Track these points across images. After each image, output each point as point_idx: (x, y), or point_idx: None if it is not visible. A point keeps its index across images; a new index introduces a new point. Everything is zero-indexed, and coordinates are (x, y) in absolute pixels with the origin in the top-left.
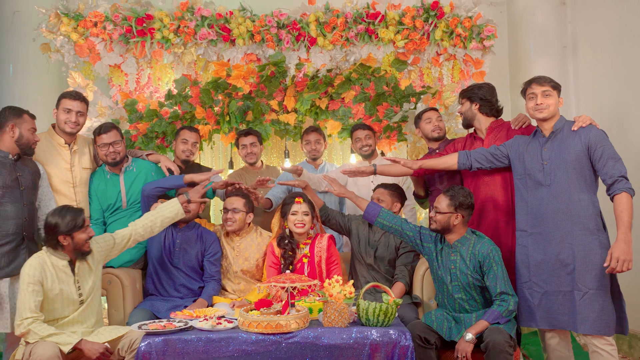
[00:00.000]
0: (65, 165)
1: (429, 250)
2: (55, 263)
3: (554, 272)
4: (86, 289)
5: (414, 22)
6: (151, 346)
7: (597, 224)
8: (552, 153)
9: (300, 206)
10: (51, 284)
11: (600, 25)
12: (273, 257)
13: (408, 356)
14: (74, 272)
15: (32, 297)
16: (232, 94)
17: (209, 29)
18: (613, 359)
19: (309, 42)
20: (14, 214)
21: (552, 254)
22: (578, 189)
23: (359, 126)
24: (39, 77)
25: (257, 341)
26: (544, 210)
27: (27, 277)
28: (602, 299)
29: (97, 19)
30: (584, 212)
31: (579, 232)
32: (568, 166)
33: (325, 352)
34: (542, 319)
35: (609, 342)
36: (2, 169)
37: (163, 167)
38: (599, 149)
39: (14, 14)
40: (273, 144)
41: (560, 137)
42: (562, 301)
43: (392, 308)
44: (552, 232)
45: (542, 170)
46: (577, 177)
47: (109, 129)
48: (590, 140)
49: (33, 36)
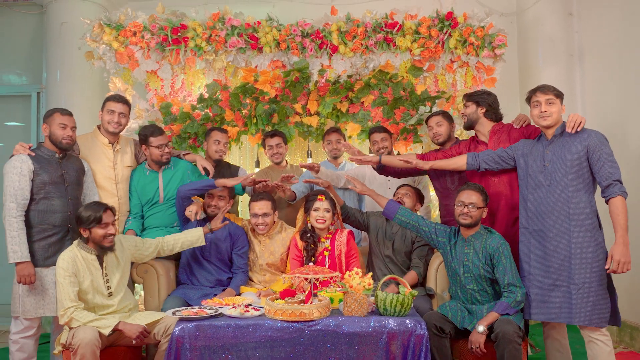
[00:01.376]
0: (108, 163)
1: (444, 245)
2: (85, 257)
3: (552, 267)
4: (114, 282)
5: (429, 32)
6: (184, 331)
7: (593, 223)
8: (554, 155)
9: (322, 203)
10: (82, 276)
11: (605, 35)
12: (296, 250)
13: (423, 344)
14: (102, 266)
15: (70, 287)
16: (259, 97)
17: (239, 38)
18: (607, 347)
19: (331, 49)
20: (60, 208)
21: (551, 249)
22: (576, 190)
23: (375, 129)
24: (83, 83)
25: (282, 328)
26: (544, 208)
27: (62, 270)
28: (595, 293)
29: (136, 29)
30: (582, 212)
31: (576, 230)
32: (568, 168)
33: (345, 340)
34: (540, 312)
35: (603, 332)
36: (49, 167)
37: (199, 166)
38: (597, 152)
39: (61, 25)
40: (296, 145)
41: (562, 141)
42: (558, 294)
43: (408, 299)
44: (550, 230)
45: (544, 171)
46: (576, 178)
47: (162, 131)
48: (590, 143)
49: (78, 45)
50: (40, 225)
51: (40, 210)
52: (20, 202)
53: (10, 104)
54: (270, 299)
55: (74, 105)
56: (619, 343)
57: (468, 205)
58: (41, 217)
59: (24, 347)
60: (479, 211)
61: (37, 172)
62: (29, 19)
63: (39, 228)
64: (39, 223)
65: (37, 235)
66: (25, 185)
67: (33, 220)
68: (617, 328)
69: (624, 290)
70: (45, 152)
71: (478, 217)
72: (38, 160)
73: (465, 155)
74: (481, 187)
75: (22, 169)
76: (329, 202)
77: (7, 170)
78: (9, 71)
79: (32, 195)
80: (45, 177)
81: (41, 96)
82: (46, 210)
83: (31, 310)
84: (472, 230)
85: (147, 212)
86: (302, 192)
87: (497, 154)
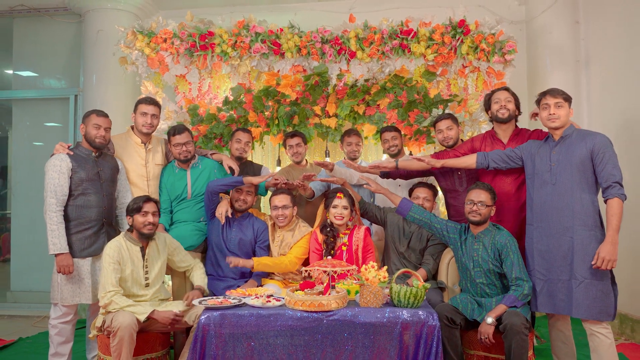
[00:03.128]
0: (140, 161)
1: (454, 241)
2: (130, 247)
3: (555, 261)
4: (153, 273)
5: (442, 38)
6: (210, 319)
7: (595, 221)
8: (560, 156)
9: (340, 201)
10: (125, 265)
11: (611, 42)
12: (316, 244)
13: (435, 334)
14: (144, 257)
15: (113, 274)
16: (280, 100)
17: (262, 44)
18: (608, 340)
19: (349, 55)
20: (96, 203)
21: (554, 245)
22: (580, 189)
23: (386, 128)
24: (117, 86)
25: (302, 318)
26: (549, 206)
27: (108, 257)
28: (595, 288)
29: (166, 36)
30: (585, 210)
31: (579, 227)
32: (573, 168)
33: (361, 329)
34: (544, 304)
35: (604, 325)
36: (85, 165)
37: (225, 166)
38: (601, 154)
39: (98, 32)
40: (316, 145)
41: (569, 142)
42: (560, 288)
43: (421, 292)
44: (554, 226)
45: (550, 170)
46: (581, 178)
47: (182, 130)
48: (595, 145)
49: (113, 51)
50: (78, 219)
51: (77, 206)
52: (59, 198)
53: (50, 106)
54: (290, 290)
55: (109, 107)
56: (620, 335)
57: (477, 203)
58: (78, 212)
59: (62, 332)
60: (487, 209)
61: (75, 170)
62: (68, 28)
63: (76, 222)
64: (76, 217)
65: (75, 228)
66: (64, 183)
67: (71, 215)
68: (619, 321)
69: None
70: (82, 151)
71: (487, 215)
72: (76, 159)
73: (474, 154)
74: (490, 187)
75: (61, 167)
76: (347, 199)
77: (48, 168)
78: (49, 76)
79: (71, 192)
80: (83, 175)
81: (78, 99)
82: (83, 206)
83: (68, 297)
84: (481, 227)
85: (176, 208)
86: (320, 190)
87: (505, 153)
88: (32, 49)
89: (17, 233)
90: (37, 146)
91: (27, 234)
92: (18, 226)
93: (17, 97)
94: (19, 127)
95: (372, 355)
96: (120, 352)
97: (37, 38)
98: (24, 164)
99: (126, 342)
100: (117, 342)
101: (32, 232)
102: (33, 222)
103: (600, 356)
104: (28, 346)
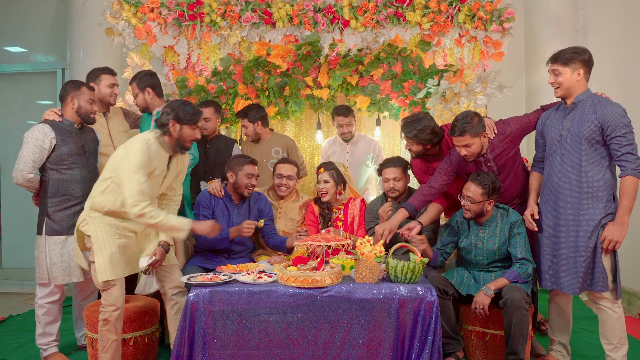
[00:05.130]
0: (105, 131)
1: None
2: (158, 152)
3: (561, 237)
4: (165, 185)
5: (439, 6)
6: (199, 296)
7: (606, 195)
8: (572, 124)
9: (321, 175)
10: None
11: (609, 11)
12: (312, 216)
13: (433, 310)
14: (168, 167)
15: (145, 184)
16: (271, 71)
17: (252, 13)
18: (615, 314)
19: (343, 24)
20: (81, 178)
21: (561, 220)
22: (589, 161)
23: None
24: (104, 58)
25: (294, 294)
26: (556, 179)
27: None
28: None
29: (153, 5)
30: (593, 184)
31: (586, 201)
32: (582, 139)
33: (357, 306)
34: (550, 280)
35: (611, 299)
36: (68, 138)
37: None
38: (611, 128)
39: (83, 3)
40: (306, 117)
41: (581, 109)
42: (566, 265)
43: (419, 266)
44: (561, 200)
45: (560, 140)
46: (590, 150)
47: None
48: (605, 117)
49: (99, 22)
50: (65, 195)
51: (64, 180)
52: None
53: (37, 82)
54: (282, 265)
55: None
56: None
57: (465, 197)
58: (65, 187)
59: (49, 311)
60: (477, 205)
61: (58, 144)
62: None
63: (63, 198)
64: (63, 193)
65: (62, 204)
66: (43, 158)
67: (58, 191)
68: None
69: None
70: (65, 124)
71: (478, 210)
72: (59, 132)
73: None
74: (483, 181)
75: (43, 142)
76: (327, 173)
77: (28, 140)
78: (35, 50)
79: (56, 166)
80: (67, 149)
81: (66, 73)
82: (70, 180)
83: (59, 277)
84: (486, 216)
85: None
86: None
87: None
88: (17, 22)
89: (8, 209)
90: (25, 122)
91: (18, 211)
92: (9, 202)
93: (2, 71)
94: (6, 103)
95: (368, 332)
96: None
97: (22, 11)
98: (13, 140)
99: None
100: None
101: (23, 209)
102: (24, 198)
103: (606, 329)
104: (18, 323)
